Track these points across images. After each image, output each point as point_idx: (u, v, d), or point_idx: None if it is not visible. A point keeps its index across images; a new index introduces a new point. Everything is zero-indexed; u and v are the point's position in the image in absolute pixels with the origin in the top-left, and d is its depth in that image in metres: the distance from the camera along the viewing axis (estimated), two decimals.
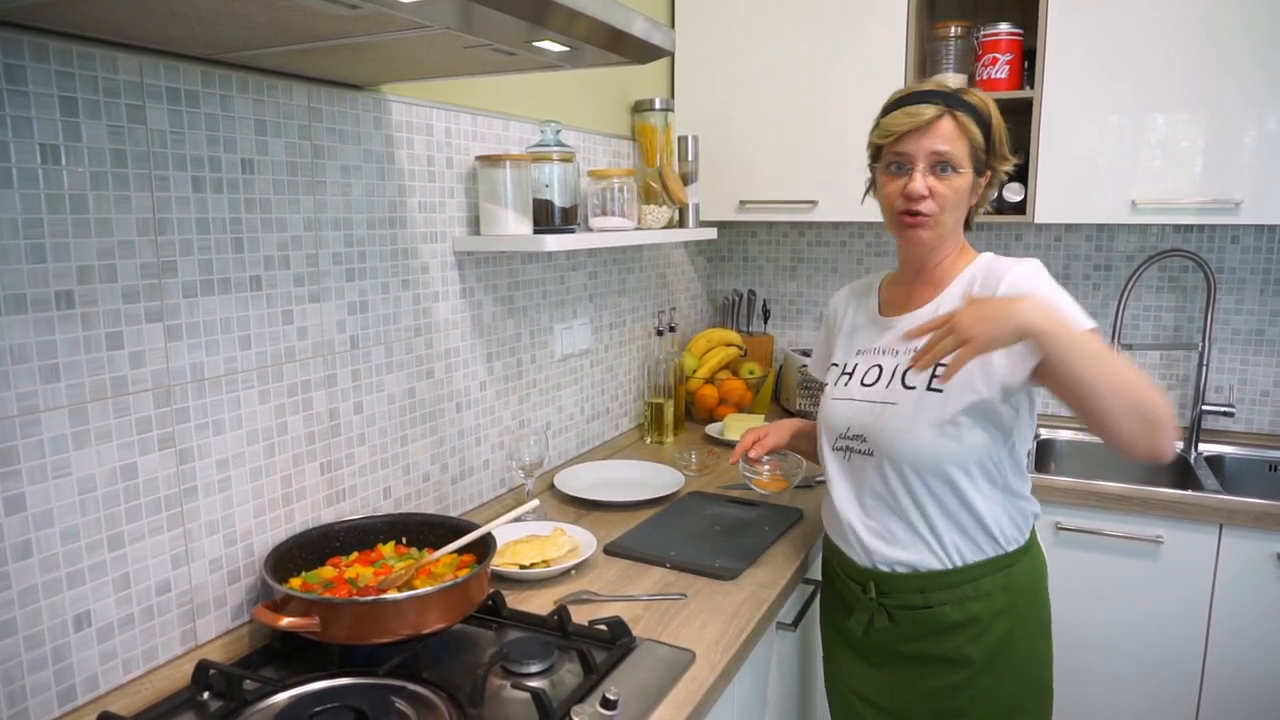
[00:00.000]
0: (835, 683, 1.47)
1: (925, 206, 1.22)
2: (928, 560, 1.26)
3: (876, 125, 1.28)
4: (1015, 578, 1.27)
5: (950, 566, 1.25)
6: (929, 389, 1.23)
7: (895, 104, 1.26)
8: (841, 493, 1.35)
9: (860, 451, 1.30)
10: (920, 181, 1.22)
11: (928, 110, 1.21)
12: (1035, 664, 1.32)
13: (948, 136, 1.21)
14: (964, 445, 1.21)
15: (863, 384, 1.32)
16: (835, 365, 1.40)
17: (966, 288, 1.26)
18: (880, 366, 1.31)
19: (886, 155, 1.26)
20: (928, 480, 1.24)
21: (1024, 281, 1.19)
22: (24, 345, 0.94)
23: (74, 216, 0.97)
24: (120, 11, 0.85)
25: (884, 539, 1.29)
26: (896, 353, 1.30)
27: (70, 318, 0.98)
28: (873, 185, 1.35)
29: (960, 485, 1.22)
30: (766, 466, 1.64)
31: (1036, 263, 1.23)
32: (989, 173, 1.27)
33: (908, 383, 1.25)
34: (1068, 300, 1.17)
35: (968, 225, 1.34)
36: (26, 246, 0.93)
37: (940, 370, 1.20)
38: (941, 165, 1.22)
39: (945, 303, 1.28)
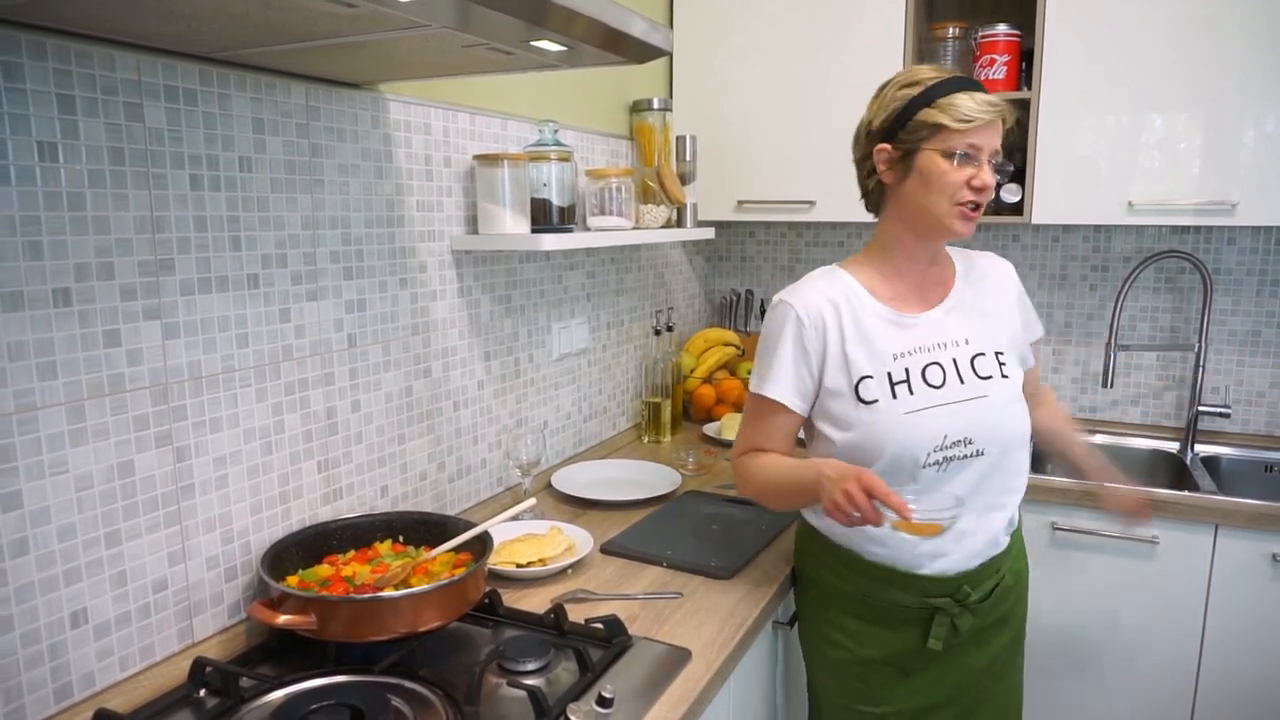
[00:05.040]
0: (861, 712, 1.33)
1: (983, 198, 1.22)
2: (1004, 535, 1.31)
3: (933, 104, 1.18)
4: (1020, 523, 1.38)
5: (1010, 534, 1.32)
6: (1003, 376, 1.28)
7: (953, 87, 1.18)
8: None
9: (964, 455, 1.23)
10: (990, 175, 1.20)
11: (995, 105, 1.19)
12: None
13: (1000, 134, 1.22)
14: (1030, 414, 1.30)
15: (931, 386, 1.24)
16: (869, 377, 1.23)
17: (966, 274, 1.34)
18: (939, 364, 1.25)
19: (954, 141, 1.17)
20: (1017, 457, 1.29)
21: (1017, 280, 1.39)
22: (21, 342, 0.94)
23: (71, 214, 0.97)
24: (117, 10, 0.85)
25: (980, 534, 1.27)
26: (943, 346, 1.26)
27: (67, 315, 0.98)
28: (899, 162, 1.22)
29: (1027, 452, 1.31)
30: (912, 506, 1.13)
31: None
32: None
33: (981, 373, 1.26)
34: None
35: None
36: (24, 244, 0.93)
37: (1003, 358, 1.29)
38: (993, 161, 1.21)
39: (963, 293, 1.32)
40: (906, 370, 1.24)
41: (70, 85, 0.96)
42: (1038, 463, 2.25)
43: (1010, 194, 2.09)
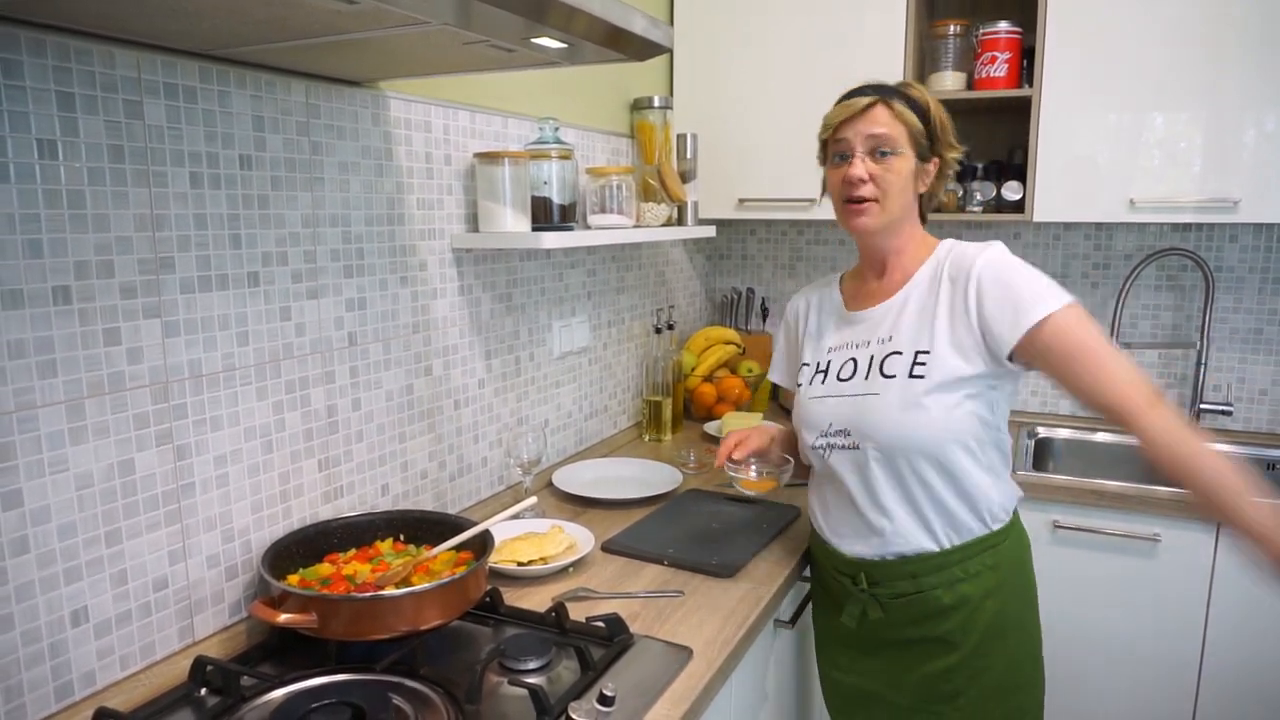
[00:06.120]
0: (830, 678, 1.48)
1: (866, 190, 1.24)
2: (919, 543, 1.28)
3: (822, 128, 1.33)
4: (1002, 556, 1.30)
5: (940, 548, 1.27)
6: (911, 376, 1.23)
7: (836, 103, 1.31)
8: (826, 489, 1.37)
9: (843, 446, 1.30)
10: (860, 166, 1.24)
11: (861, 99, 1.26)
12: (1026, 641, 1.35)
13: (882, 120, 1.24)
14: (948, 425, 1.23)
15: (839, 379, 1.32)
16: (807, 365, 1.40)
17: (934, 271, 1.28)
18: (854, 360, 1.31)
19: (830, 148, 1.30)
20: (915, 463, 1.25)
21: (997, 265, 1.21)
22: (21, 340, 0.94)
23: (71, 212, 0.97)
24: (118, 6, 0.85)
25: (871, 529, 1.30)
26: (868, 344, 1.31)
27: (67, 313, 0.98)
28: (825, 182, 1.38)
29: (948, 465, 1.24)
30: (753, 467, 1.56)
31: (1001, 246, 1.26)
32: (936, 160, 1.29)
33: (886, 371, 1.26)
34: (1042, 277, 1.21)
35: (923, 218, 1.35)
36: (23, 242, 0.93)
37: (923, 358, 1.22)
38: (879, 150, 1.24)
39: (914, 290, 1.29)
40: (829, 363, 1.36)
41: (70, 82, 0.96)
42: (1038, 461, 2.26)
43: (1012, 192, 2.09)
